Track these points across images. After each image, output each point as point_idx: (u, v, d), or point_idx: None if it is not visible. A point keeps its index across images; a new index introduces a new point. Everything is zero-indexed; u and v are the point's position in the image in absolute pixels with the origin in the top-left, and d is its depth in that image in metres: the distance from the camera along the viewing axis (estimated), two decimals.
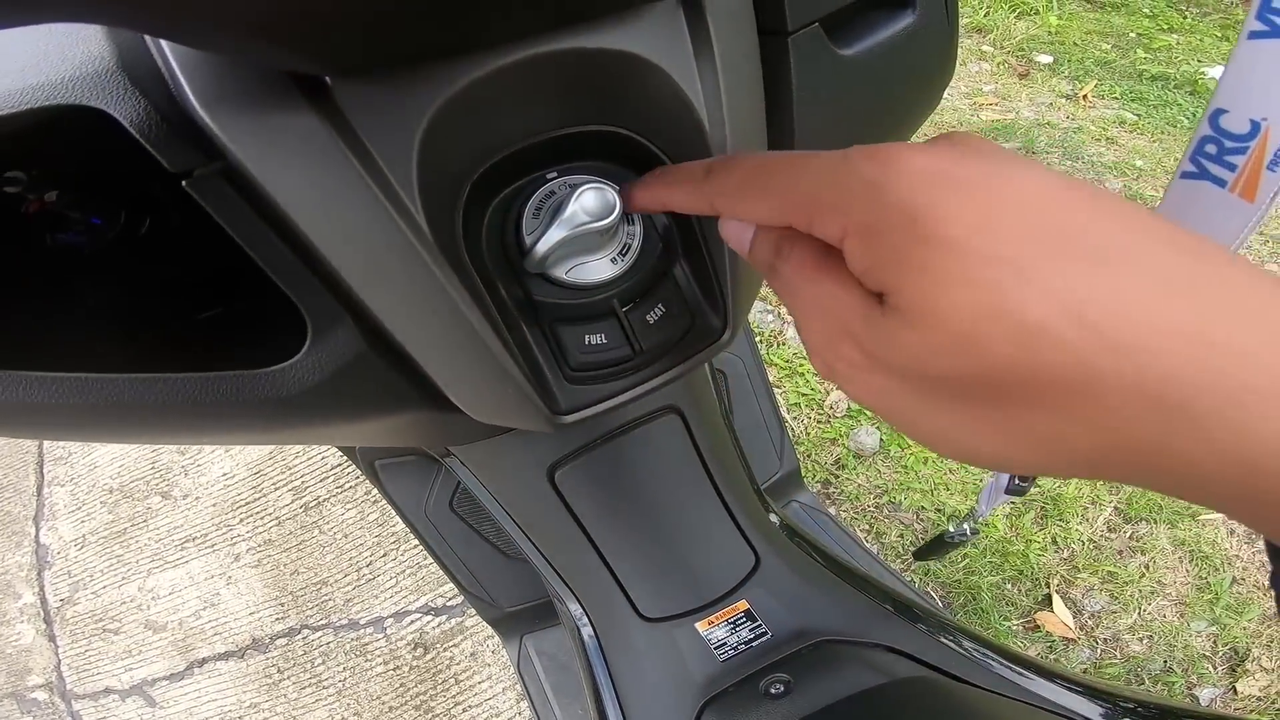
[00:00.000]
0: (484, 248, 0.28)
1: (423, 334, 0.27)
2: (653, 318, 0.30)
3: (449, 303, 0.25)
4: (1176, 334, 0.16)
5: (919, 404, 0.19)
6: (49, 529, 1.44)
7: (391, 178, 0.24)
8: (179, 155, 0.22)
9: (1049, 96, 2.03)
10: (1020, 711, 0.47)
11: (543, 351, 0.29)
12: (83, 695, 1.25)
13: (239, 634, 1.27)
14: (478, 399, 0.29)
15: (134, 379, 0.24)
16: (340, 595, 1.28)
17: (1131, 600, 1.15)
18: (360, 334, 0.26)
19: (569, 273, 0.29)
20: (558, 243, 0.27)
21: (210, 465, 1.46)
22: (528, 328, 0.29)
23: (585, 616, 0.54)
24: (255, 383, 0.25)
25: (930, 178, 0.18)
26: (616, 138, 0.30)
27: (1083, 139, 1.86)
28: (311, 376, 0.26)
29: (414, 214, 0.24)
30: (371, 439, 0.39)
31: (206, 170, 0.23)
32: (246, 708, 1.20)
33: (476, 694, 1.16)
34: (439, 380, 0.28)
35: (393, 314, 0.26)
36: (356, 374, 0.27)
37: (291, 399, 0.26)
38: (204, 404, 0.25)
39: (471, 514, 0.73)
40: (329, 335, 0.26)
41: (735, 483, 0.52)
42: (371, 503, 1.35)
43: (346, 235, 0.24)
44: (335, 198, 0.23)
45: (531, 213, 0.29)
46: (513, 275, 0.29)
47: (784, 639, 0.52)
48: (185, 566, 1.35)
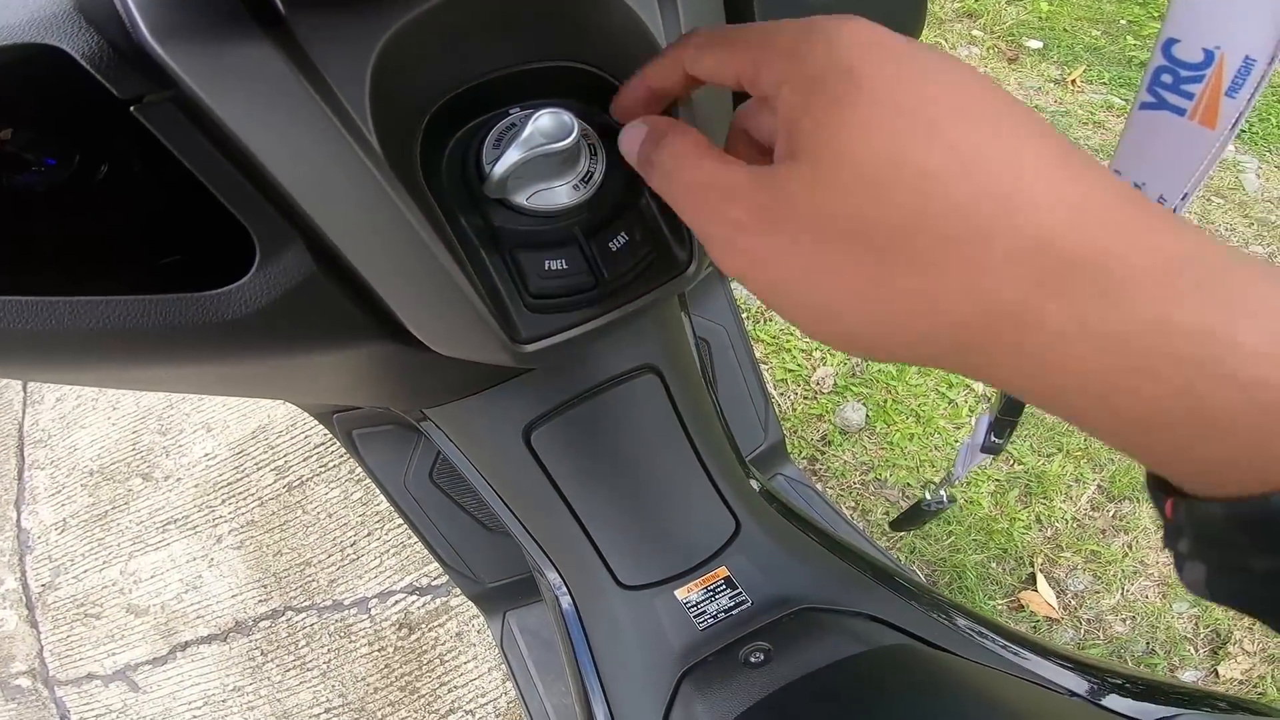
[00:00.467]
0: (443, 176, 0.28)
1: (376, 256, 0.26)
2: (615, 245, 0.30)
3: (403, 225, 0.25)
4: (1064, 201, 0.16)
5: (799, 267, 0.19)
6: (30, 513, 1.43)
7: (346, 103, 0.24)
8: (129, 84, 0.23)
9: (1037, 81, 2.04)
10: (1003, 681, 0.47)
11: (502, 278, 0.29)
12: (66, 681, 1.24)
13: (222, 617, 1.26)
14: (435, 327, 0.29)
15: (71, 302, 0.24)
16: (324, 576, 1.27)
17: (1114, 580, 1.16)
18: (311, 257, 0.26)
19: (530, 199, 0.28)
20: (514, 164, 0.26)
21: (192, 445, 1.44)
22: (487, 254, 0.29)
23: (564, 585, 0.54)
24: (201, 305, 0.25)
25: (874, 45, 0.19)
26: (579, 74, 0.30)
27: (1070, 122, 1.86)
28: (259, 298, 0.25)
29: (368, 138, 0.24)
30: (337, 390, 0.39)
31: (157, 98, 0.23)
32: (230, 691, 1.20)
33: (462, 674, 1.16)
34: (394, 305, 0.28)
35: (344, 235, 0.25)
36: (307, 298, 0.26)
37: (240, 323, 0.25)
38: (146, 329, 0.25)
39: (452, 485, 0.72)
40: (278, 257, 0.26)
41: (716, 447, 0.52)
42: (355, 481, 1.34)
43: (297, 156, 0.24)
44: (287, 122, 0.24)
45: (492, 143, 0.29)
46: (472, 203, 0.29)
47: (764, 607, 0.52)
48: (167, 549, 1.34)
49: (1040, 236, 0.16)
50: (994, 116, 0.18)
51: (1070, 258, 0.16)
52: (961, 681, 0.46)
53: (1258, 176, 1.75)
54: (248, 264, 0.26)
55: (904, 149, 0.17)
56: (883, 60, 0.18)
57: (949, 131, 0.17)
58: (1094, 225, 0.16)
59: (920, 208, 0.17)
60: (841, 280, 0.19)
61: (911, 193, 0.17)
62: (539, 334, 0.30)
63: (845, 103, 0.18)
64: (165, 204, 0.30)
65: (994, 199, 0.17)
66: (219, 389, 0.36)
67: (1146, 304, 0.15)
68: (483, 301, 0.28)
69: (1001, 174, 0.17)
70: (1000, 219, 0.16)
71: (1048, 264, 0.16)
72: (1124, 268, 0.16)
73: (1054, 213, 0.16)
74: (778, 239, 0.19)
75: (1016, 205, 0.16)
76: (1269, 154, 1.81)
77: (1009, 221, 0.16)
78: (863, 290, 0.19)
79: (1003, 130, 0.17)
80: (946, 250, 0.17)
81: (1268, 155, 1.81)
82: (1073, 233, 0.16)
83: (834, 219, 0.18)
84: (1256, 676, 1.07)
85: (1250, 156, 1.80)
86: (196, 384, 0.33)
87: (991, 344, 0.17)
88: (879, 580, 0.54)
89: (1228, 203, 1.69)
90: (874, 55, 0.19)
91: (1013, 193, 0.16)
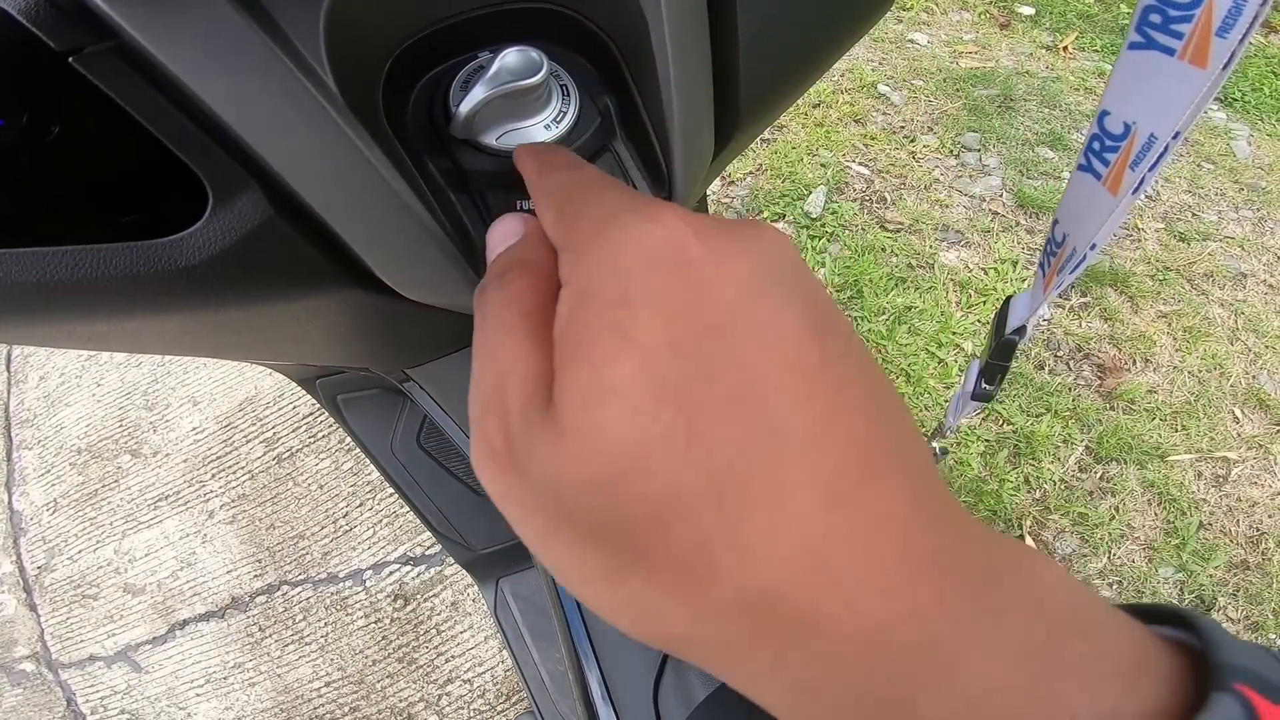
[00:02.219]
0: (409, 118, 0.28)
1: (336, 199, 0.26)
2: None
3: (365, 167, 0.25)
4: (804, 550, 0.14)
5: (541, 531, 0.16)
6: (20, 494, 1.42)
7: (300, 46, 0.23)
8: (67, 36, 0.22)
9: (1029, 47, 2.02)
10: None
11: (472, 219, 0.29)
12: (69, 664, 1.25)
13: (218, 593, 1.27)
14: (402, 270, 0.28)
15: (16, 254, 0.23)
16: (318, 549, 1.28)
17: (1101, 543, 1.18)
18: (268, 200, 0.25)
19: (499, 139, 0.28)
20: (481, 101, 0.26)
21: (179, 420, 1.43)
22: (456, 196, 0.28)
23: None
24: (153, 253, 0.24)
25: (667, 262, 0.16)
26: (550, 16, 0.29)
27: (1061, 88, 1.85)
28: (214, 244, 0.25)
29: (324, 79, 0.24)
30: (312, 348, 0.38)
31: (98, 48, 0.23)
32: (231, 668, 1.21)
33: (459, 644, 1.17)
34: (359, 249, 0.27)
35: (302, 179, 0.25)
36: (266, 243, 0.26)
37: (195, 270, 0.25)
38: (96, 278, 0.24)
39: (439, 450, 0.72)
40: (232, 201, 0.25)
41: None
42: (345, 451, 1.34)
43: (248, 101, 0.23)
44: (236, 67, 0.23)
45: (459, 85, 0.28)
46: (439, 145, 0.28)
47: None
48: (159, 526, 1.34)
49: (766, 588, 0.14)
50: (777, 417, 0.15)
51: (788, 614, 0.15)
52: None
53: (1248, 144, 1.76)
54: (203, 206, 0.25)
55: (658, 451, 0.15)
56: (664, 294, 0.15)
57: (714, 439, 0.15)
58: (821, 581, 0.14)
59: (658, 531, 0.15)
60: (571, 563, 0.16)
61: (652, 512, 0.15)
62: None
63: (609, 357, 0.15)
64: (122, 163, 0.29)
65: (734, 544, 0.14)
66: (190, 348, 0.35)
67: (847, 672, 0.15)
68: (451, 243, 0.27)
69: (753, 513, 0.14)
70: (735, 567, 0.15)
71: (769, 617, 0.15)
72: (833, 631, 0.14)
73: (787, 562, 0.14)
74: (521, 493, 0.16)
75: (757, 555, 0.14)
76: (1260, 122, 1.82)
77: (744, 571, 0.15)
78: (590, 581, 0.16)
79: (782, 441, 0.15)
80: (674, 579, 0.15)
81: (1259, 124, 1.82)
82: (797, 589, 0.14)
83: (568, 507, 0.16)
84: None
85: (1242, 124, 1.81)
86: (162, 341, 0.32)
87: (706, 659, 0.16)
88: None
89: (1218, 168, 1.69)
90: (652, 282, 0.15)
91: (758, 541, 0.14)
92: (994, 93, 1.84)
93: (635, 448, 0.15)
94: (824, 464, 0.15)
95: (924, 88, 1.86)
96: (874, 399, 0.16)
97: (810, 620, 0.15)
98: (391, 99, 0.27)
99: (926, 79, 1.89)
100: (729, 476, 0.15)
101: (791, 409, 0.15)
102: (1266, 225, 1.58)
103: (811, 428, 0.15)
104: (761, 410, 0.15)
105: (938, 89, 1.86)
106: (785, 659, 0.15)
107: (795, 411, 0.15)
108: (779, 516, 0.14)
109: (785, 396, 0.15)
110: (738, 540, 0.14)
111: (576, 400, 0.15)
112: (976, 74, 1.90)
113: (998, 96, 1.83)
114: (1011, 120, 1.77)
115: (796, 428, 0.15)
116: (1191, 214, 1.60)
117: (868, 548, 0.15)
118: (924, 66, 1.93)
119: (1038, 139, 1.73)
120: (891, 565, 0.15)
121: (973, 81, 1.87)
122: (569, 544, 0.16)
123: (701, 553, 0.15)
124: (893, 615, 0.14)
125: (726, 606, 0.15)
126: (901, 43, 2.02)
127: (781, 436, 0.15)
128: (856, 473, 0.15)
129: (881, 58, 1.96)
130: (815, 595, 0.14)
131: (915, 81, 1.88)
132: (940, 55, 1.98)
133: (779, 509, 0.14)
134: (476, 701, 1.13)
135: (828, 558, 0.14)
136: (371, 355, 0.43)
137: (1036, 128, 1.75)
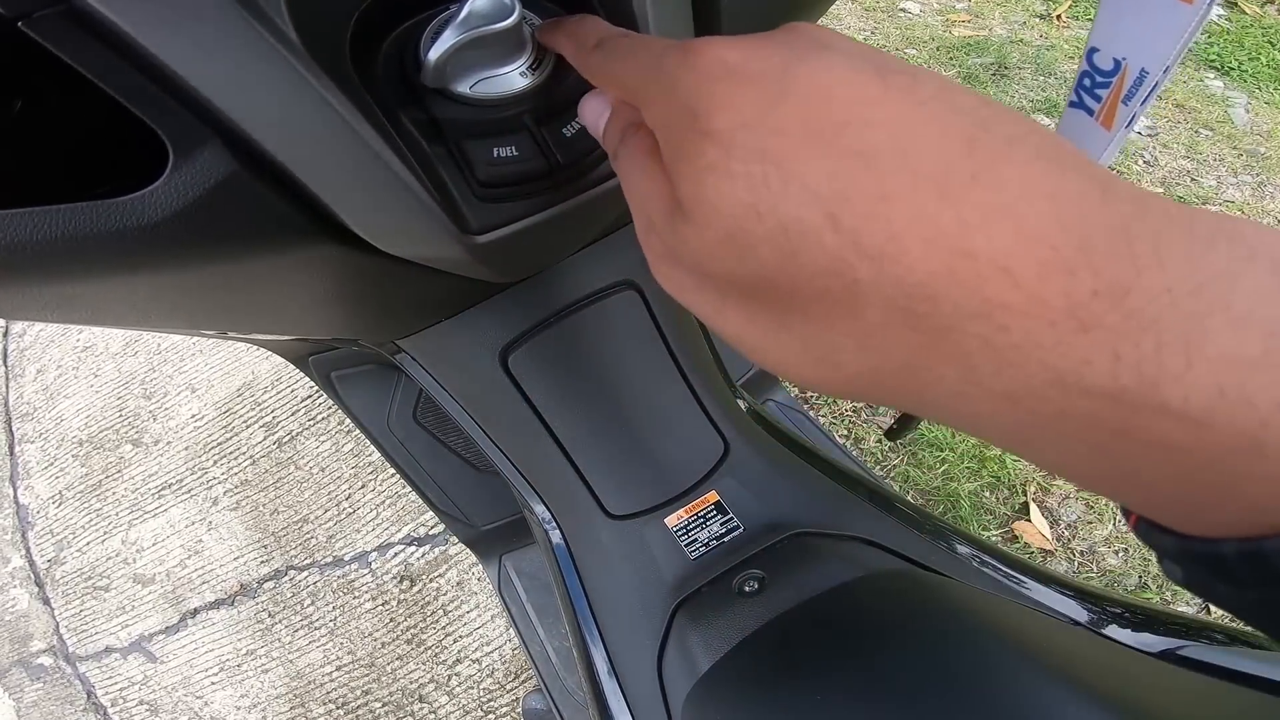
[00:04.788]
0: (379, 69, 0.27)
1: (303, 151, 0.25)
2: (570, 131, 0.29)
3: (332, 118, 0.24)
4: (937, 241, 0.14)
5: (714, 302, 0.19)
6: (25, 488, 1.42)
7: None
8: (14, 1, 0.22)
9: (1023, 16, 2.00)
10: (1005, 606, 0.46)
11: (447, 168, 0.28)
12: (86, 657, 1.26)
13: (226, 580, 1.27)
14: (376, 221, 0.28)
15: None
16: (322, 532, 1.28)
17: (1107, 511, 1.17)
18: (232, 155, 0.25)
19: (473, 88, 0.27)
20: (450, 47, 0.25)
21: (178, 407, 1.43)
22: (431, 146, 0.28)
23: (553, 520, 0.53)
24: (115, 211, 0.24)
25: (720, 72, 0.17)
26: None
27: (1056, 56, 1.83)
28: (177, 199, 0.24)
29: (284, 31, 0.23)
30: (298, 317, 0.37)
31: (47, 12, 0.22)
32: (244, 655, 1.22)
33: (466, 624, 1.18)
34: (329, 200, 0.27)
35: (265, 132, 0.24)
36: (231, 197, 0.25)
37: (160, 227, 0.24)
38: (57, 237, 0.23)
39: (437, 425, 0.72)
40: (194, 156, 0.24)
41: (701, 365, 0.50)
42: (345, 433, 1.34)
43: (205, 56, 0.23)
44: (192, 23, 0.22)
45: (430, 35, 0.27)
46: (411, 96, 0.28)
47: (756, 533, 0.51)
48: (165, 515, 1.34)
49: (918, 295, 0.14)
50: (859, 137, 0.15)
51: (955, 315, 0.14)
52: (964, 606, 0.44)
53: (1246, 111, 1.76)
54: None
55: (757, 201, 0.16)
56: (726, 93, 0.17)
57: (805, 172, 0.15)
58: (981, 272, 0.14)
59: (789, 267, 0.16)
60: (743, 324, 0.18)
61: (777, 251, 0.16)
62: (491, 224, 0.29)
63: (697, 155, 0.17)
64: (90, 134, 0.29)
65: (862, 255, 0.14)
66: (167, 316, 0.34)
67: (1046, 365, 0.13)
68: (425, 191, 0.27)
69: (869, 223, 0.14)
70: (873, 277, 0.14)
71: (932, 324, 0.14)
72: (1019, 320, 0.13)
73: (931, 264, 0.14)
74: (688, 277, 0.19)
75: (888, 258, 0.14)
76: (1258, 90, 1.82)
77: (882, 279, 0.14)
78: (764, 336, 0.18)
79: (871, 156, 0.15)
80: (826, 310, 0.16)
81: (1256, 92, 1.82)
82: (955, 285, 0.14)
83: (717, 273, 0.18)
84: None
85: (1239, 93, 1.81)
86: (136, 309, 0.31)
87: (897, 394, 0.16)
88: (874, 504, 0.53)
89: (1216, 135, 1.68)
90: (715, 89, 0.17)
91: (883, 244, 0.14)
92: (988, 61, 1.82)
93: (740, 203, 0.16)
94: (937, 170, 0.14)
95: (917, 57, 1.84)
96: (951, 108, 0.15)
97: (977, 316, 0.14)
98: (362, 51, 0.27)
99: (920, 48, 1.87)
100: (835, 199, 0.15)
101: (868, 129, 0.15)
102: (1266, 190, 1.57)
103: (909, 138, 0.15)
104: (841, 138, 0.15)
105: (931, 58, 1.84)
106: (972, 368, 0.14)
107: (872, 130, 0.15)
108: (897, 219, 0.14)
109: (858, 120, 0.15)
110: (866, 250, 0.15)
111: (690, 191, 0.17)
112: (970, 43, 1.88)
113: (992, 65, 1.81)
114: (1007, 89, 1.75)
115: (880, 142, 0.15)
116: (1190, 179, 1.59)
117: (1016, 227, 0.14)
118: (917, 35, 1.90)
119: (1034, 107, 1.71)
120: (1055, 240, 0.13)
121: (966, 50, 1.85)
122: (736, 309, 0.18)
123: (837, 272, 0.15)
124: (1080, 292, 0.13)
125: (884, 321, 0.15)
126: (893, 11, 1.99)
127: (869, 153, 0.15)
128: (967, 164, 0.14)
129: (874, 27, 1.94)
130: (970, 287, 0.14)
131: (908, 50, 1.86)
132: (933, 24, 1.96)
133: (894, 212, 0.14)
134: (486, 681, 1.13)
135: (968, 246, 0.14)
136: (359, 323, 0.42)
137: (1032, 95, 1.74)
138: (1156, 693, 0.38)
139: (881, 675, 0.39)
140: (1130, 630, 0.44)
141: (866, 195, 0.15)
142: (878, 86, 0.16)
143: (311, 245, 0.28)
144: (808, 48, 0.17)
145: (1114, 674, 0.39)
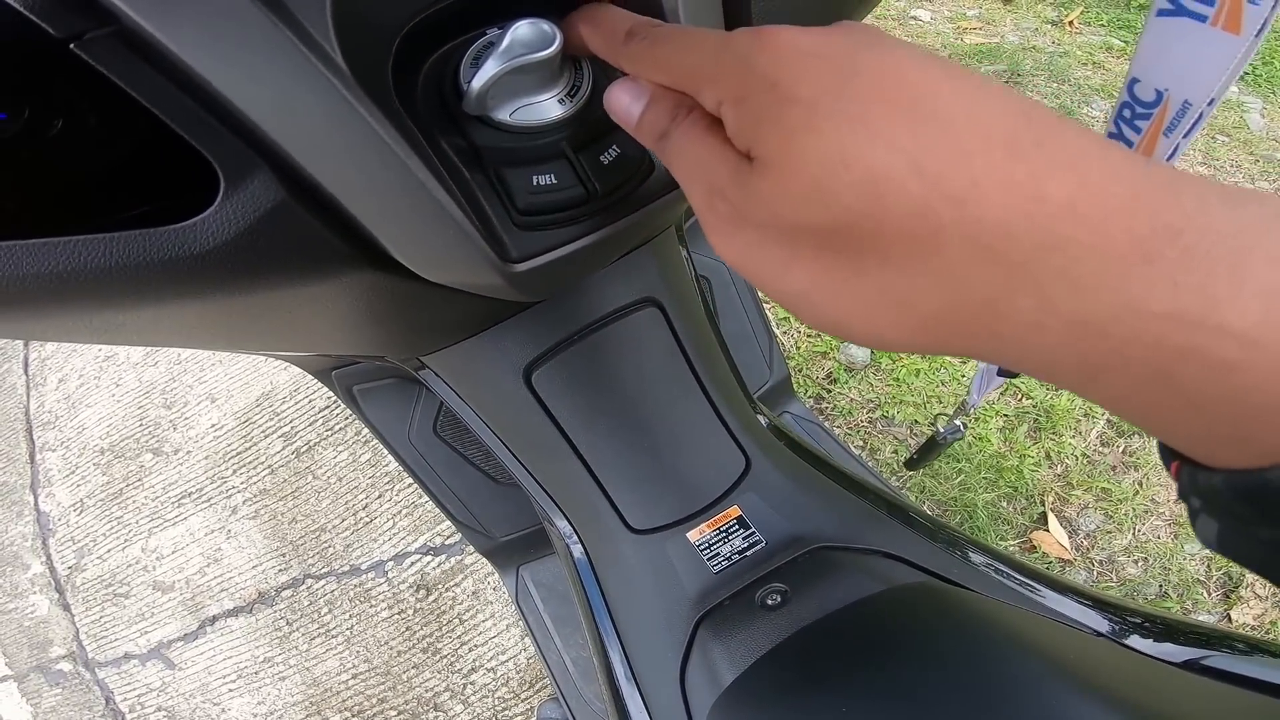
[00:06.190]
0: (419, 96, 0.28)
1: (350, 178, 0.25)
2: (607, 159, 0.29)
3: (378, 145, 0.24)
4: (1013, 188, 0.16)
5: (779, 259, 0.20)
6: (47, 496, 1.44)
7: (306, 24, 0.23)
8: (67, 23, 0.22)
9: (1034, 22, 1.99)
10: (1027, 618, 0.46)
11: (488, 196, 0.28)
12: (105, 663, 1.27)
13: (244, 588, 1.28)
14: (419, 250, 0.28)
15: (29, 245, 0.23)
16: (339, 541, 1.29)
17: (1126, 519, 1.16)
18: (280, 182, 0.25)
19: (513, 115, 0.28)
20: (494, 76, 0.25)
21: (198, 417, 1.45)
22: (471, 174, 0.28)
23: (574, 534, 0.53)
24: (166, 240, 0.24)
25: (794, 54, 0.19)
26: None
27: (1069, 63, 1.82)
28: (228, 228, 0.24)
29: (332, 57, 0.23)
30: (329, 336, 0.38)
31: (99, 33, 0.23)
32: (261, 663, 1.22)
33: (481, 633, 1.18)
34: (374, 229, 0.27)
35: (313, 159, 0.24)
36: (279, 226, 0.25)
37: (209, 256, 0.24)
38: (109, 266, 0.24)
39: (457, 438, 0.72)
40: (244, 185, 0.24)
41: (722, 381, 0.51)
42: (363, 443, 1.35)
43: (255, 81, 0.23)
44: (242, 48, 0.23)
45: (470, 61, 0.28)
46: (452, 123, 0.28)
47: (778, 547, 0.51)
48: (184, 523, 1.35)
49: (998, 232, 0.16)
50: (934, 106, 0.17)
51: (1032, 250, 0.16)
52: (987, 619, 0.44)
53: (1262, 116, 1.75)
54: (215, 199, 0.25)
55: (842, 152, 0.17)
56: (804, 68, 0.18)
57: (889, 130, 0.17)
58: (1053, 213, 0.16)
59: (874, 210, 0.17)
60: (814, 275, 0.19)
61: (862, 196, 0.17)
62: (530, 252, 0.29)
63: (781, 117, 0.18)
64: (127, 155, 0.29)
65: (946, 198, 0.16)
66: (208, 339, 0.35)
67: (1115, 290, 0.15)
68: (469, 220, 0.27)
69: (951, 171, 0.16)
70: (955, 218, 0.16)
71: (1011, 259, 0.16)
72: (1090, 254, 0.15)
73: (1009, 206, 0.16)
74: (756, 234, 0.20)
75: (970, 201, 0.16)
76: (1273, 95, 1.81)
77: (964, 220, 0.16)
78: (835, 286, 0.19)
79: (947, 120, 0.17)
80: (908, 250, 0.17)
81: (1271, 97, 1.81)
82: (1031, 224, 0.16)
83: (797, 223, 0.19)
84: (1269, 621, 1.07)
85: (1255, 98, 1.80)
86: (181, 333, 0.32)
87: (971, 333, 0.18)
88: (893, 517, 0.53)
89: (1233, 140, 1.67)
90: (794, 66, 0.18)
91: (965, 189, 0.16)
92: (1000, 68, 1.81)
93: (828, 155, 0.17)
94: (1004, 130, 0.16)
95: None
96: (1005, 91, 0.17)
97: (1053, 249, 0.16)
98: (401, 77, 0.27)
99: None
100: (918, 151, 0.17)
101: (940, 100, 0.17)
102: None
103: (978, 107, 0.17)
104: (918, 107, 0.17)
105: None
106: (1048, 298, 0.16)
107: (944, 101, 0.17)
108: (976, 169, 0.16)
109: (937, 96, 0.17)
110: (949, 194, 0.16)
111: (775, 147, 0.18)
112: (982, 50, 1.88)
113: (1005, 72, 1.80)
114: None
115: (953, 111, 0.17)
116: None
117: (1079, 180, 0.16)
118: (928, 43, 1.90)
119: None
120: (1114, 190, 0.15)
121: (979, 57, 1.85)
122: (811, 261, 0.19)
123: (921, 214, 0.17)
124: (1140, 229, 0.15)
125: (965, 257, 0.16)
126: (904, 19, 1.99)
127: (944, 119, 0.17)
128: (1030, 131, 0.16)
129: None
130: (1043, 227, 0.16)
131: None
132: (944, 31, 1.95)
133: (971, 163, 0.16)
134: (501, 690, 1.14)
135: (1040, 192, 0.16)
136: (389, 342, 0.43)
137: (1046, 102, 1.73)
138: (1184, 704, 0.38)
139: (907, 689, 0.39)
140: (1153, 640, 0.44)
141: (947, 150, 0.16)
142: (940, 69, 0.18)
143: (352, 271, 0.29)
144: (870, 39, 0.19)
145: (1140, 686, 0.39)
